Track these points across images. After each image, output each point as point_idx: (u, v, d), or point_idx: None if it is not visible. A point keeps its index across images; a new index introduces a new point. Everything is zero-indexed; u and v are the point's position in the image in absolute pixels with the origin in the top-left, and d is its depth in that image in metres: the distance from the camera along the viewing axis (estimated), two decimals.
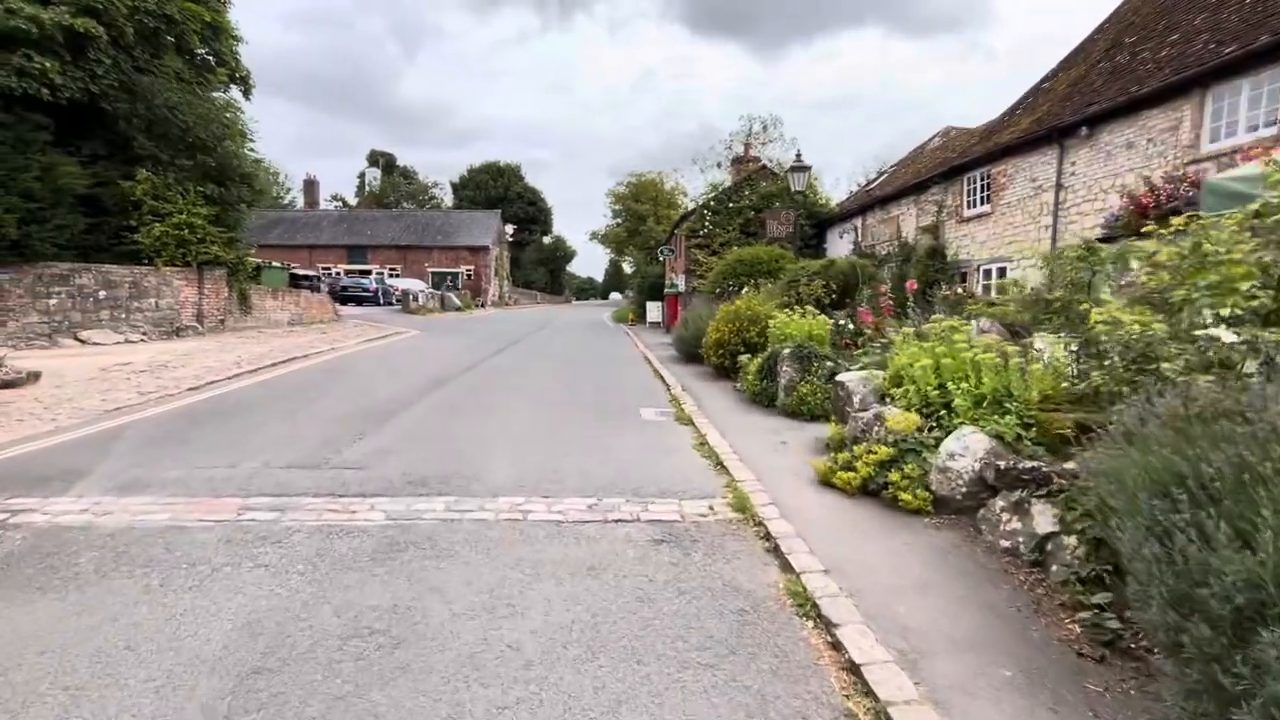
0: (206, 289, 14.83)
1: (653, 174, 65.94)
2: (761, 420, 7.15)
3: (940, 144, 20.20)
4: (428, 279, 46.25)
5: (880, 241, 18.53)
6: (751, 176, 23.52)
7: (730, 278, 16.46)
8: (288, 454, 5.40)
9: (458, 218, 51.65)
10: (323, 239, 48.13)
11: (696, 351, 12.21)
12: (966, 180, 14.35)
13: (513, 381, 10.02)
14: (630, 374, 11.42)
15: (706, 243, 22.87)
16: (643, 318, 30.14)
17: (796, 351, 7.47)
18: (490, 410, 7.60)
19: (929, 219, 15.89)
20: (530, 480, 4.87)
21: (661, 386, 9.95)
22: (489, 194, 68.36)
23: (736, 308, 9.98)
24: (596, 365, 12.72)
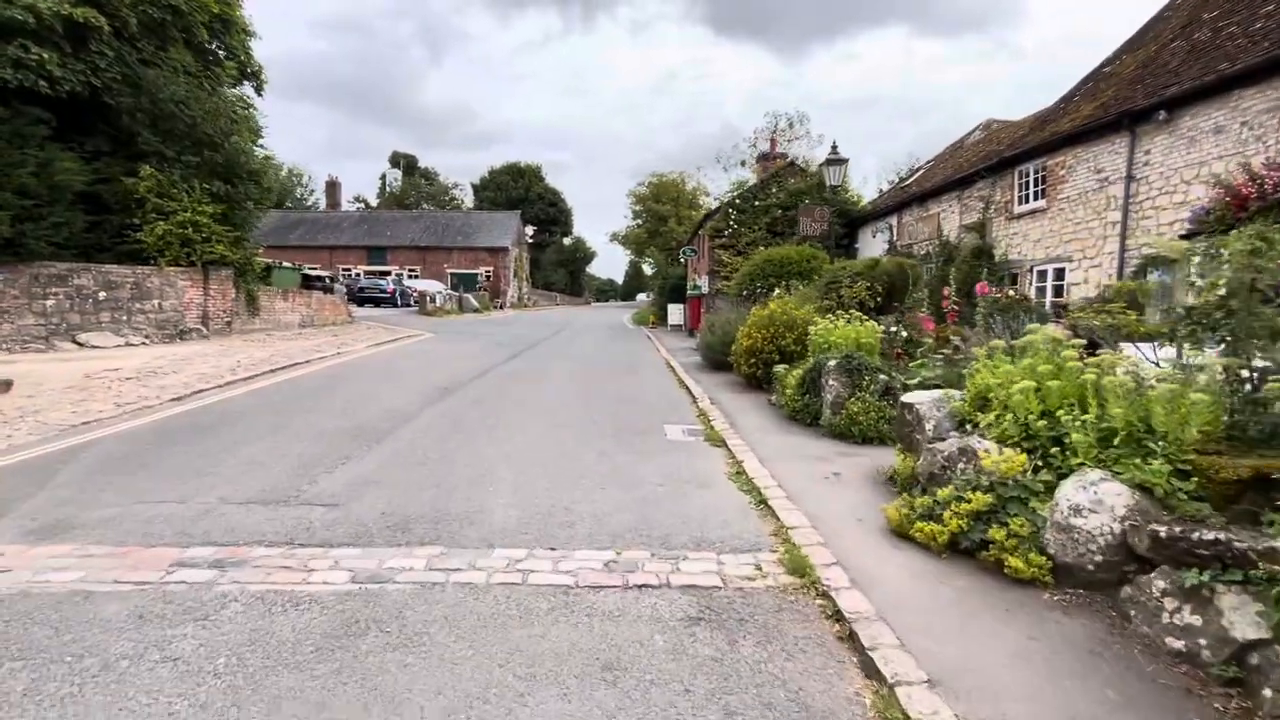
0: (212, 290, 14.29)
1: (674, 174, 65.19)
2: (805, 442, 6.22)
3: (982, 137, 19.01)
4: (447, 280, 45.89)
5: (918, 240, 17.42)
6: (779, 173, 22.52)
7: (758, 279, 15.50)
8: (253, 484, 4.61)
9: (477, 218, 51.27)
10: (343, 240, 48.05)
11: (724, 359, 11.31)
12: (1018, 174, 13.22)
13: (524, 392, 9.20)
14: (653, 383, 10.54)
15: (731, 243, 21.93)
16: (664, 320, 29.26)
17: (844, 363, 6.52)
18: (496, 427, 6.77)
19: (974, 216, 14.77)
20: (535, 523, 4.01)
21: (687, 398, 9.06)
22: (510, 195, 68.08)
23: (770, 312, 9.05)
24: (616, 372, 11.86)
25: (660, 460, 5.65)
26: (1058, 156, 11.91)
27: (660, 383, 10.59)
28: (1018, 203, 13.27)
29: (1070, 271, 11.57)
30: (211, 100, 14.52)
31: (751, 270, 15.79)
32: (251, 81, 17.10)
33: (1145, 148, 9.96)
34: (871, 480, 4.94)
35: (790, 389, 7.16)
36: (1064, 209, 11.76)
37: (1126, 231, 10.22)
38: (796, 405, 6.98)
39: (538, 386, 9.74)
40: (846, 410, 6.23)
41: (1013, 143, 14.35)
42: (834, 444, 6.13)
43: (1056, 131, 11.98)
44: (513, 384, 9.90)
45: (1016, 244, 13.22)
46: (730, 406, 8.09)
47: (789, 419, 7.16)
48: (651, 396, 9.14)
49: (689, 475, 5.20)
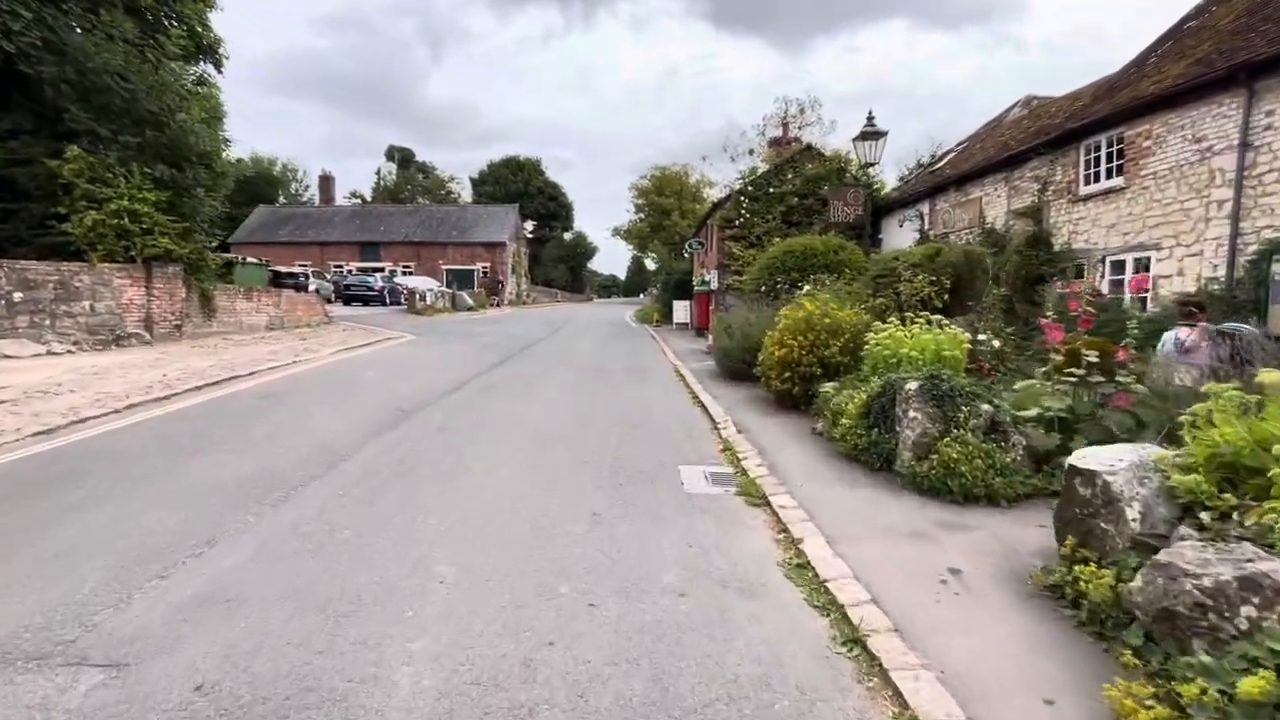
0: (156, 289, 12.53)
1: (676, 167, 63.18)
2: (880, 501, 4.42)
3: (1023, 114, 17.10)
4: (442, 277, 44.14)
5: (955, 229, 15.54)
6: (794, 158, 20.61)
7: (778, 273, 13.66)
8: (15, 608, 2.83)
9: (474, 212, 49.46)
10: (334, 236, 46.33)
11: (745, 368, 9.51)
12: (1084, 149, 11.35)
13: (505, 413, 7.41)
14: (661, 399, 8.74)
15: (743, 234, 20.06)
16: (668, 318, 27.46)
17: (930, 386, 4.71)
18: (455, 472, 4.99)
19: (1026, 199, 12.90)
20: (463, 709, 2.23)
21: (705, 421, 7.27)
22: (509, 189, 66.24)
23: (808, 315, 7.24)
24: (617, 384, 10.06)
25: (679, 535, 3.86)
26: (1140, 125, 10.03)
27: (671, 399, 8.79)
28: (1084, 182, 11.40)
29: (1158, 261, 9.71)
30: (155, 74, 12.72)
31: (770, 263, 13.95)
32: (208, 57, 15.29)
33: (1267, 107, 8.09)
34: (1017, 586, 3.13)
35: (849, 419, 5.35)
36: (1149, 187, 9.89)
37: (1240, 212, 8.36)
38: (859, 441, 5.17)
39: (523, 405, 7.95)
40: (940, 454, 4.42)
41: (1073, 114, 12.47)
42: (924, 504, 4.33)
43: (1138, 96, 10.10)
44: (492, 401, 8.11)
45: (1083, 230, 11.36)
46: (763, 436, 6.29)
47: (847, 458, 5.35)
48: (661, 419, 7.34)
49: (725, 569, 3.41)
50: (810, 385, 7.08)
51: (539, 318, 30.48)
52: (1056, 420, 4.59)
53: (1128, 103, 10.25)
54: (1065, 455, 4.51)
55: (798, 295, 11.05)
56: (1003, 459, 4.38)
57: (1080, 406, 4.52)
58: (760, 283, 13.89)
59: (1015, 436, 4.60)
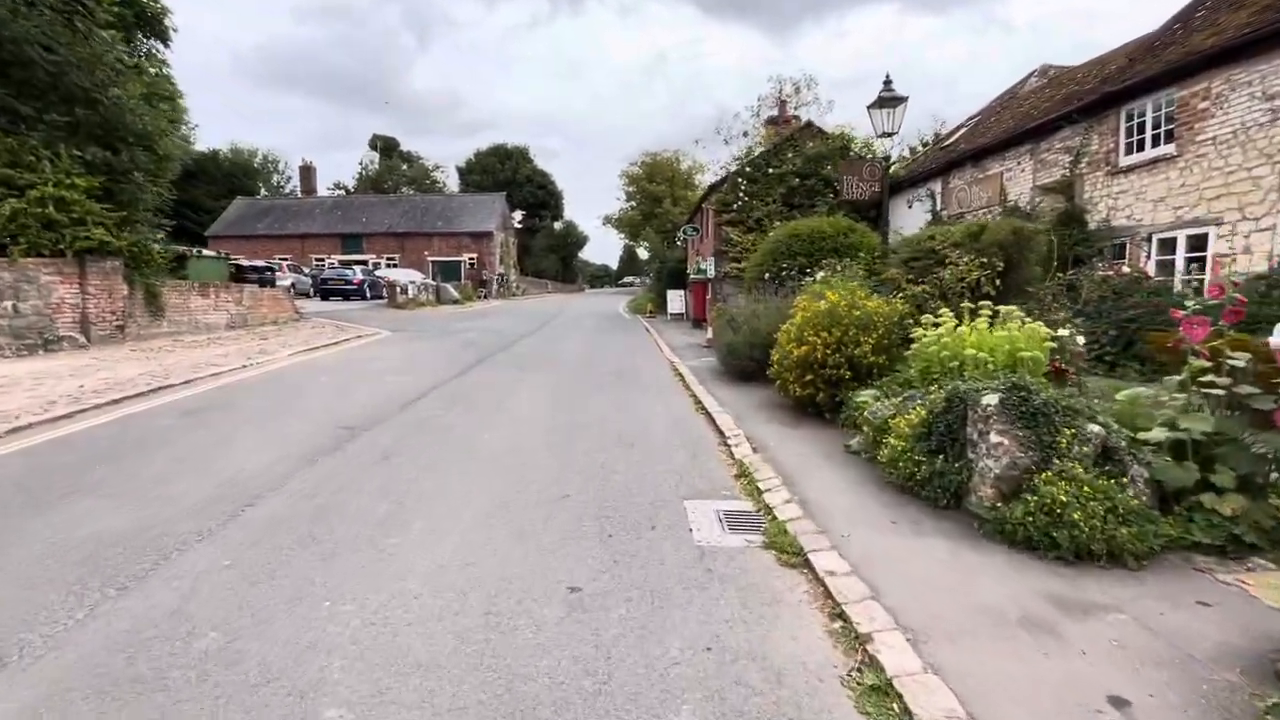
0: (92, 286, 11.21)
1: (668, 153, 61.76)
2: (963, 559, 3.27)
3: (1042, 84, 15.92)
4: (428, 269, 42.69)
5: (972, 208, 14.38)
6: (794, 136, 19.37)
7: (783, 259, 12.47)
8: None
9: (460, 201, 47.90)
10: (315, 228, 44.74)
11: (753, 365, 8.36)
12: (1126, 114, 10.18)
13: (470, 430, 6.22)
14: (658, 407, 7.56)
15: (741, 218, 18.84)
16: (663, 308, 26.25)
17: (1015, 399, 3.56)
18: (383, 530, 3.80)
19: (1056, 174, 11.74)
20: None
21: (711, 435, 6.10)
22: (496, 178, 64.58)
23: (833, 307, 6.06)
24: (608, 387, 8.87)
25: (692, 628, 2.70)
26: (1195, 84, 8.87)
27: (669, 405, 7.61)
28: (1124, 152, 10.24)
29: (1217, 239, 8.59)
30: (86, 45, 11.32)
31: (774, 248, 12.75)
32: (151, 29, 13.86)
33: None
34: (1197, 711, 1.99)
35: (900, 440, 4.19)
36: (1206, 155, 8.75)
37: None
38: (915, 470, 4.01)
39: (494, 419, 6.75)
40: (1040, 495, 3.27)
41: (1107, 77, 11.29)
42: (1021, 564, 3.18)
43: (1193, 51, 8.93)
44: (459, 414, 6.91)
45: (1124, 206, 10.21)
46: (785, 455, 5.13)
47: (898, 489, 4.20)
48: (659, 433, 6.17)
49: (766, 700, 2.25)
50: (837, 391, 5.92)
51: (527, 310, 29.21)
52: (1189, 445, 3.44)
53: (1180, 60, 9.07)
54: (1206, 492, 3.39)
55: (808, 283, 9.89)
56: (1126, 500, 3.24)
57: (1223, 426, 3.38)
58: (764, 269, 12.70)
59: (1135, 468, 3.46)
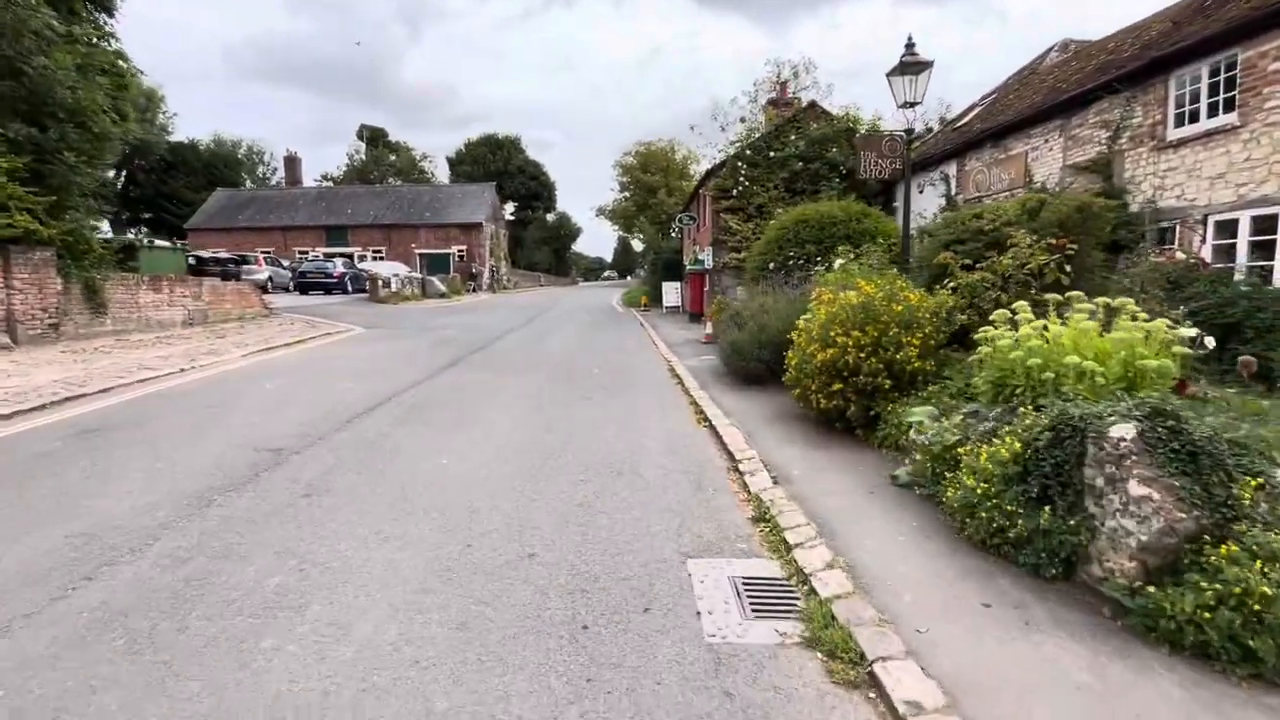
0: (18, 280, 9.99)
1: (662, 142, 60.39)
2: (1109, 680, 2.16)
3: (1065, 58, 14.79)
4: (415, 261, 41.36)
5: (992, 191, 13.27)
6: (796, 117, 18.21)
7: (790, 246, 11.37)
8: None
9: (448, 192, 46.49)
10: (298, 219, 43.29)
11: (762, 369, 7.27)
12: (1176, 82, 9.07)
13: (417, 458, 5.09)
14: (653, 420, 6.45)
15: (740, 205, 17.71)
16: (658, 301, 25.16)
17: (1163, 434, 2.46)
18: (269, 612, 2.68)
19: (1090, 151, 10.64)
20: None
21: (719, 457, 5.00)
22: (487, 169, 63.06)
23: (868, 299, 4.96)
24: (594, 396, 7.75)
25: None
26: (1266, 42, 7.76)
27: (666, 416, 6.49)
28: (1174, 124, 9.14)
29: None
30: (9, 10, 10.05)
31: (779, 235, 11.65)
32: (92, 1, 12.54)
33: None
34: None
35: (983, 480, 3.08)
36: (1275, 121, 7.65)
37: None
38: (1006, 525, 2.91)
39: (454, 439, 5.62)
40: (1221, 583, 2.17)
41: (1148, 43, 10.16)
42: (1193, 685, 2.09)
43: (1262, 4, 7.81)
44: (413, 431, 5.78)
45: (1173, 185, 9.12)
46: (816, 490, 4.02)
47: (979, 546, 3.10)
48: (656, 454, 5.06)
49: None
50: (872, 403, 4.83)
51: (517, 304, 28.02)
52: None
53: (1245, 15, 7.96)
54: None
55: (821, 273, 8.80)
56: None
57: None
58: (768, 259, 11.60)
59: None
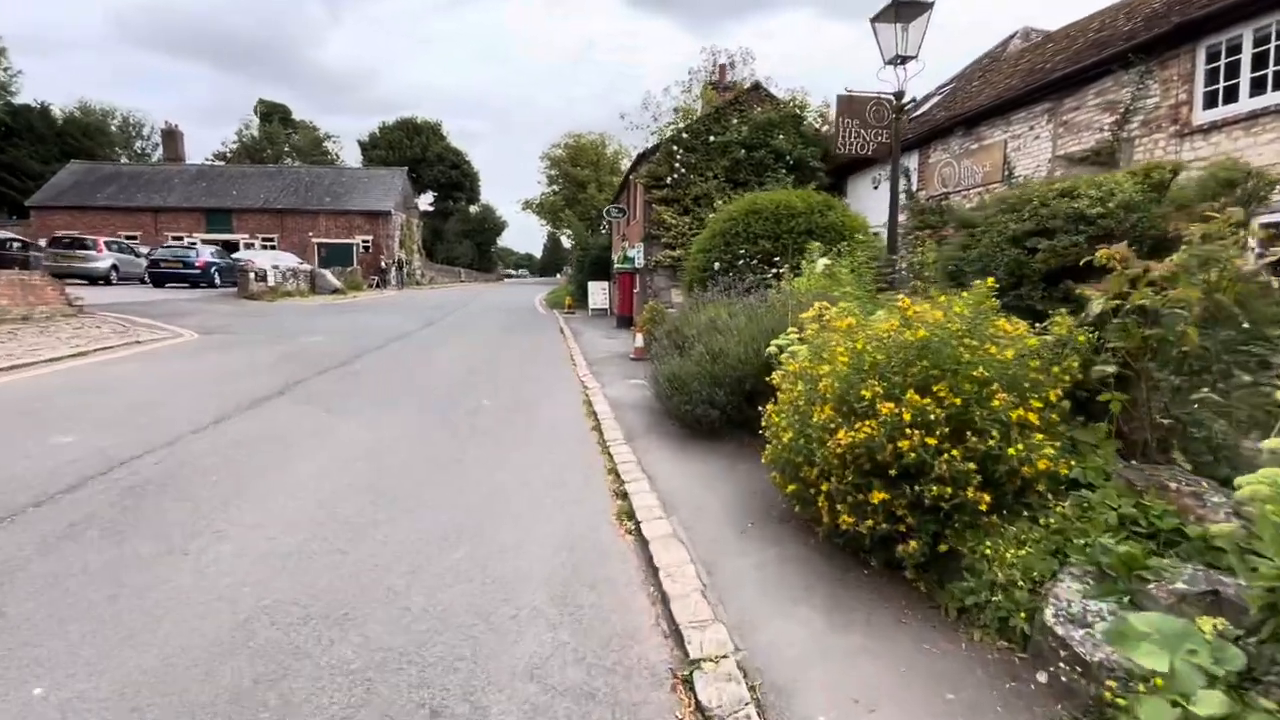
0: None
1: (593, 135, 57.96)
2: None
3: (1033, 44, 13.43)
4: (312, 252, 36.91)
5: (961, 187, 11.64)
6: (739, 99, 16.18)
7: (741, 242, 9.17)
8: None
9: (352, 176, 41.95)
10: (172, 200, 37.73)
11: (712, 415, 4.96)
12: (1207, 52, 7.48)
13: (18, 665, 2.40)
14: (547, 511, 3.96)
15: (676, 195, 15.49)
16: (584, 301, 22.64)
17: None
18: None
19: (1089, 139, 9.03)
20: None
21: (652, 623, 2.58)
22: (403, 155, 58.34)
23: (933, 335, 2.67)
24: (468, 452, 5.18)
25: None
26: None
27: (570, 512, 3.98)
28: (1203, 105, 7.56)
29: None
30: None
31: (726, 228, 9.42)
32: None
33: None
34: None
35: None
36: None
37: None
38: None
39: (150, 578, 2.93)
40: None
41: (1152, 14, 8.62)
42: None
43: None
44: (102, 569, 3.04)
45: None
46: None
47: None
48: (533, 611, 2.59)
49: None
50: (944, 530, 2.55)
51: (423, 303, 24.70)
52: None
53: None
54: None
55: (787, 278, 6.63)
56: None
57: None
58: (713, 257, 9.35)
59: None
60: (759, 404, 5.22)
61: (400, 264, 37.30)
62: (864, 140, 7.30)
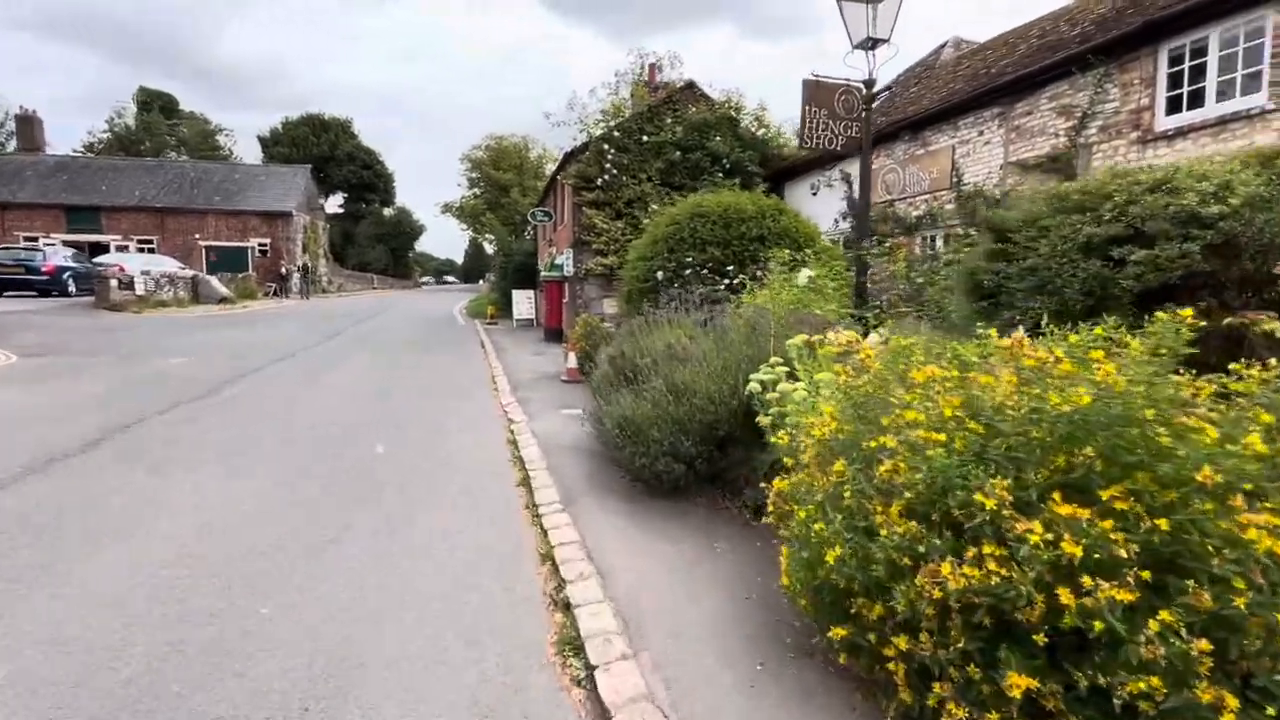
0: None
1: (516, 138, 56.26)
2: None
3: (974, 48, 13.27)
4: (199, 256, 33.15)
5: (906, 195, 11.17)
6: (673, 98, 15.28)
7: (687, 249, 8.13)
8: None
9: (248, 174, 38.13)
10: (25, 195, 32.86)
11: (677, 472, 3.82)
12: (1170, 55, 7.13)
13: None
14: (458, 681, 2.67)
15: (607, 198, 14.35)
16: (508, 311, 21.05)
17: None
18: None
19: (1043, 144, 8.64)
20: None
21: None
22: (309, 153, 54.05)
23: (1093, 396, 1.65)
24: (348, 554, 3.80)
25: None
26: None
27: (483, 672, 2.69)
28: (1166, 110, 7.21)
29: None
30: None
31: (669, 233, 8.36)
32: None
33: None
34: None
35: None
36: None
37: None
38: None
39: None
40: None
41: (1103, 21, 8.33)
42: None
43: None
44: None
45: None
46: None
47: None
48: None
49: None
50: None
51: (329, 312, 22.30)
52: None
53: None
54: None
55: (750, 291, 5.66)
56: None
57: None
58: (655, 265, 8.27)
59: None
60: (733, 451, 4.13)
61: (304, 269, 34.06)
62: (833, 134, 6.44)
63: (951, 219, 10.00)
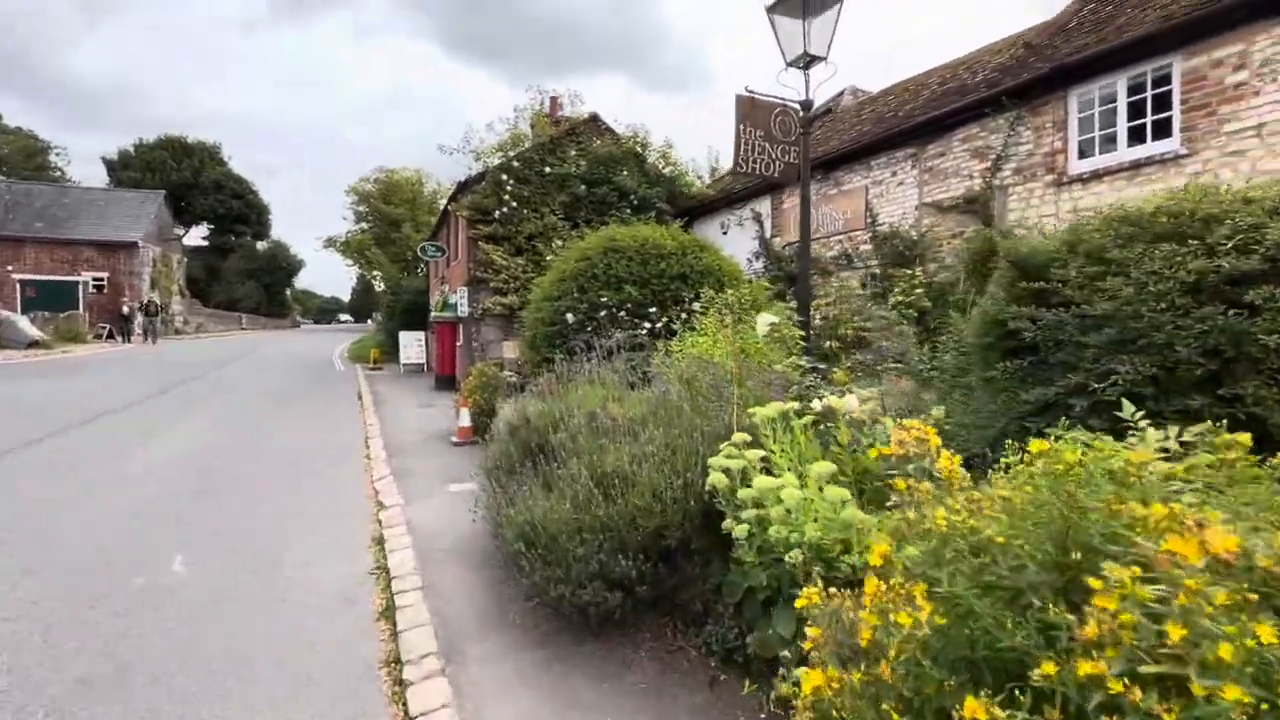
0: None
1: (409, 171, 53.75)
2: None
3: (859, 101, 13.53)
4: (14, 291, 28.02)
5: (821, 234, 10.88)
6: (577, 129, 14.47)
7: (601, 288, 7.07)
8: None
9: (81, 198, 33.07)
10: None
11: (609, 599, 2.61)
12: (1079, 100, 7.13)
13: None
14: None
15: (507, 232, 13.13)
16: (395, 354, 18.95)
17: None
18: None
19: (958, 186, 8.52)
20: None
21: None
22: (167, 178, 48.34)
23: None
24: None
25: None
26: (1219, 48, 5.93)
27: None
28: (1077, 154, 7.18)
29: None
30: None
31: (579, 269, 7.28)
32: None
33: None
34: None
35: None
36: (1245, 152, 5.77)
37: None
38: None
39: None
40: None
41: (1019, 61, 8.42)
42: None
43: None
44: None
45: None
46: None
47: None
48: None
49: None
50: None
51: (177, 358, 19.05)
52: None
53: (1191, 12, 6.10)
54: None
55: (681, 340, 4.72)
56: None
57: None
58: (564, 306, 7.13)
59: None
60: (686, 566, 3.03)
61: (153, 308, 29.54)
62: (769, 158, 5.73)
63: (870, 259, 9.73)
